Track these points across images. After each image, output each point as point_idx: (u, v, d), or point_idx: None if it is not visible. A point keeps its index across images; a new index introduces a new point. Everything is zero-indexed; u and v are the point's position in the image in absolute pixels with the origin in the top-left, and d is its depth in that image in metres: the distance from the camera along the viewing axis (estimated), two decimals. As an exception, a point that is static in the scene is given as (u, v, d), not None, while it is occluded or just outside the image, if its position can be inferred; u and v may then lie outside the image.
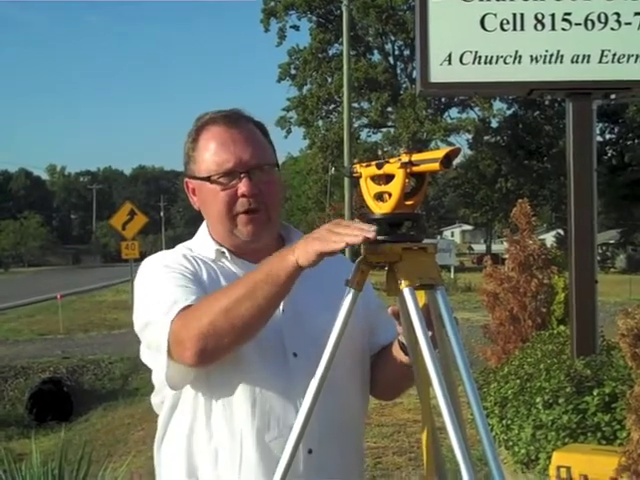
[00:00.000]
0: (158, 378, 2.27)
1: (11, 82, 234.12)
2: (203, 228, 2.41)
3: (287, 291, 2.02)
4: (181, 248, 2.40)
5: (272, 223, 2.32)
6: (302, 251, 1.94)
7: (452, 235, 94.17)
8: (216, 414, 2.20)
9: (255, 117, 2.39)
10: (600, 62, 7.25)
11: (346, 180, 31.54)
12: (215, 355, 2.08)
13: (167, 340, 2.10)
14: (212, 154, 2.27)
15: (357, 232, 1.88)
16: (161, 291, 2.19)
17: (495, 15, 7.30)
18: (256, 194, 2.25)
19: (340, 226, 1.91)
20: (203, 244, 2.37)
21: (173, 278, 2.20)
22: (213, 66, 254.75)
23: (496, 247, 60.60)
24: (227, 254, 2.32)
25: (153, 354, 2.19)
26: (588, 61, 7.27)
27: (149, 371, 2.32)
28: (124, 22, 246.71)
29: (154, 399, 2.37)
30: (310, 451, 2.14)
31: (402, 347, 2.20)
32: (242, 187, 2.24)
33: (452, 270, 39.04)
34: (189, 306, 2.11)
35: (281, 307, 2.22)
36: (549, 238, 50.75)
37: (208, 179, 2.28)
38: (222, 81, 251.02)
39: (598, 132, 46.16)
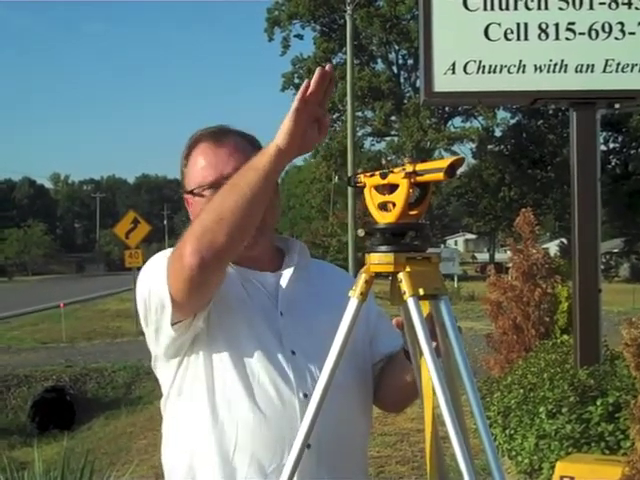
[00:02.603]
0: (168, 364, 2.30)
1: (13, 90, 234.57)
2: None
3: (271, 178, 2.07)
4: None
5: (260, 231, 2.29)
6: (279, 134, 2.02)
7: (456, 244, 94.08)
8: (215, 410, 2.22)
9: (246, 131, 2.44)
10: (604, 72, 7.26)
11: (349, 189, 31.57)
12: (213, 257, 2.06)
13: (166, 272, 2.15)
14: (198, 169, 2.35)
15: (315, 74, 2.01)
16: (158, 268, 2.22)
17: (499, 25, 7.31)
18: None
19: None
20: None
21: None
22: (217, 76, 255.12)
23: (499, 256, 60.60)
24: None
25: (158, 320, 2.21)
26: (592, 70, 7.27)
27: (152, 379, 2.33)
28: (125, 28, 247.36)
29: (164, 401, 2.39)
30: (309, 446, 2.14)
31: (407, 356, 2.20)
32: None
33: (455, 279, 39.05)
34: None
35: (279, 310, 2.29)
36: (552, 247, 50.71)
37: (193, 192, 2.36)
38: (226, 91, 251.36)
39: (602, 141, 46.24)
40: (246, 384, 2.21)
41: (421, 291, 1.91)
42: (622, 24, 7.25)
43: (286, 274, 2.35)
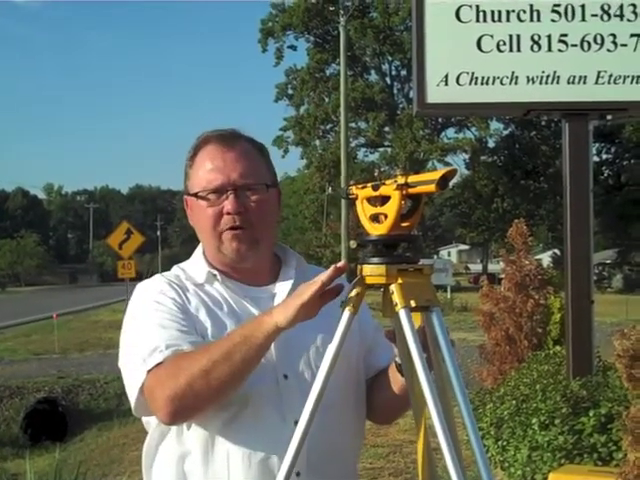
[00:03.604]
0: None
1: (6, 100, 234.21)
2: (199, 248, 2.42)
3: (265, 352, 2.07)
4: (175, 269, 2.41)
5: (260, 243, 2.31)
6: (281, 311, 2.00)
7: (449, 255, 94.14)
8: (205, 436, 2.19)
9: (255, 137, 2.40)
10: (596, 83, 7.28)
11: (343, 200, 31.56)
12: (190, 415, 2.12)
13: (139, 390, 2.16)
14: (204, 172, 2.30)
15: (329, 270, 1.95)
16: (144, 331, 2.21)
17: (492, 36, 7.33)
18: (241, 212, 2.26)
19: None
20: (195, 266, 2.38)
21: (158, 317, 2.21)
22: (210, 86, 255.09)
23: (492, 267, 60.53)
24: (218, 276, 2.32)
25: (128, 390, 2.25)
26: (584, 82, 7.29)
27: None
28: (121, 40, 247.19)
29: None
30: (298, 474, 2.12)
31: (398, 368, 2.19)
32: (227, 205, 2.26)
33: (448, 290, 38.97)
34: (168, 356, 2.13)
35: None
36: (545, 258, 50.69)
37: (197, 195, 2.31)
38: (220, 101, 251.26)
39: (594, 152, 46.35)
40: (236, 414, 2.17)
41: (413, 303, 1.91)
42: (614, 36, 7.27)
43: (281, 292, 2.31)
